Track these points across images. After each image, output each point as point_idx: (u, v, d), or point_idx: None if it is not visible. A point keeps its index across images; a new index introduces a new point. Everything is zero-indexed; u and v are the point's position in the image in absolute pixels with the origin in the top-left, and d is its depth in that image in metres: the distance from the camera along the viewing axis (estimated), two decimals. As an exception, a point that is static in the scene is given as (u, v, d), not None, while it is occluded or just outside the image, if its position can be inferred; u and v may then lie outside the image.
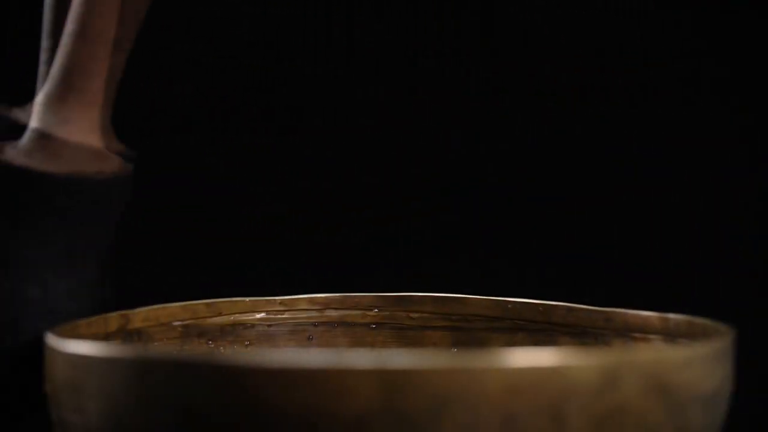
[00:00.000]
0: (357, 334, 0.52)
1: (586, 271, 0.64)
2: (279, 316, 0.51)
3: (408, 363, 0.31)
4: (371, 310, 0.52)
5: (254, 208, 0.66)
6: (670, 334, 0.43)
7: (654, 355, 0.33)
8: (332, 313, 0.52)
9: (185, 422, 0.33)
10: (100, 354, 0.34)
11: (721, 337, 0.36)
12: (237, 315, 0.50)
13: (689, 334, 0.42)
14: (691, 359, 0.34)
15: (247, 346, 0.50)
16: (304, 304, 0.51)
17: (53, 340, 0.37)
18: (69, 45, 0.48)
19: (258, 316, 0.51)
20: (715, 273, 0.64)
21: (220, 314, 0.50)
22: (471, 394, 0.31)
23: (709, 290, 0.63)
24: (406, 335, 0.52)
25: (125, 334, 0.46)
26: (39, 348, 0.39)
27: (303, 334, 0.51)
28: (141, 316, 0.47)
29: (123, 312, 0.46)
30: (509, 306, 0.50)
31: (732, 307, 0.57)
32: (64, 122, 0.48)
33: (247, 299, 0.51)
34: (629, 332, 0.45)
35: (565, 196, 0.65)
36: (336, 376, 0.31)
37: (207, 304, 0.50)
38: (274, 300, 0.51)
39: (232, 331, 0.50)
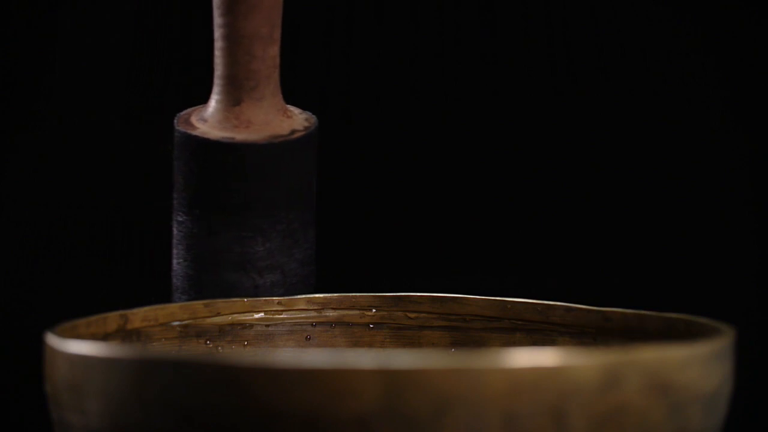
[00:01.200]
0: (355, 334, 0.52)
1: (586, 271, 0.64)
2: (277, 316, 0.51)
3: (410, 363, 0.31)
4: (369, 310, 0.52)
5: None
6: (670, 334, 0.43)
7: (655, 355, 0.33)
8: (330, 313, 0.52)
9: (185, 422, 0.33)
10: (100, 354, 0.34)
11: (721, 337, 0.36)
12: (235, 315, 0.50)
13: (689, 334, 0.42)
14: (691, 359, 0.34)
15: (245, 346, 0.50)
16: (302, 304, 0.51)
17: (53, 340, 0.37)
18: (223, 51, 0.50)
19: (256, 316, 0.51)
20: (715, 273, 0.64)
21: (218, 314, 0.50)
22: (473, 394, 0.31)
23: (709, 290, 0.63)
24: (404, 335, 0.52)
25: (124, 334, 0.46)
26: (39, 348, 0.39)
27: (301, 334, 0.51)
28: (140, 316, 0.47)
29: (122, 312, 0.46)
30: (508, 306, 0.50)
31: (732, 307, 0.57)
32: (246, 124, 0.50)
33: (246, 299, 0.51)
34: (628, 332, 0.45)
35: (565, 196, 0.65)
36: (337, 377, 0.31)
37: (205, 304, 0.50)
38: (272, 300, 0.51)
39: (231, 331, 0.50)
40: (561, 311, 0.48)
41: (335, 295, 0.52)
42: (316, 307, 0.52)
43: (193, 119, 0.51)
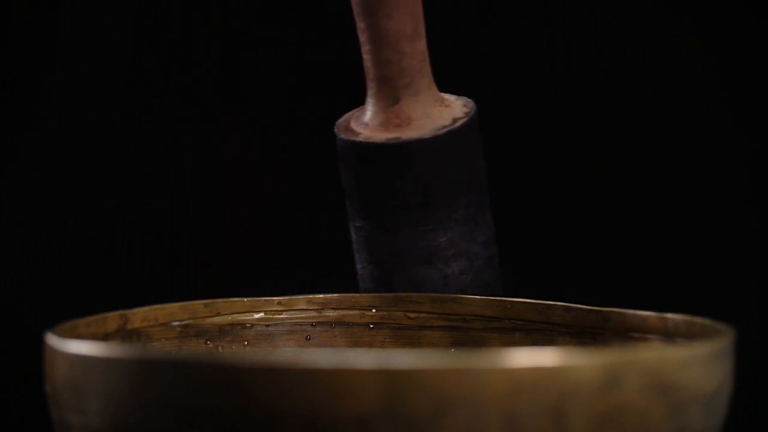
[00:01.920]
0: (355, 334, 0.52)
1: (586, 271, 0.64)
2: (277, 316, 0.51)
3: (410, 363, 0.31)
4: (369, 310, 0.52)
5: (254, 207, 0.66)
6: (669, 334, 0.43)
7: (655, 355, 0.33)
8: (330, 313, 0.52)
9: (185, 422, 0.33)
10: (100, 354, 0.34)
11: (721, 337, 0.36)
12: (235, 315, 0.50)
13: (689, 334, 0.42)
14: (691, 359, 0.34)
15: (245, 346, 0.50)
16: (303, 304, 0.51)
17: (53, 340, 0.37)
18: (372, 53, 0.50)
19: (256, 316, 0.51)
20: (715, 273, 0.64)
21: (218, 314, 0.50)
22: (473, 394, 0.31)
23: (709, 290, 0.63)
24: (404, 335, 0.52)
25: (124, 334, 0.46)
26: (39, 348, 0.39)
27: (301, 334, 0.51)
28: (140, 315, 0.47)
29: (122, 312, 0.46)
30: (508, 306, 0.50)
31: (732, 307, 0.57)
32: (408, 122, 0.51)
33: (246, 299, 0.51)
34: (628, 332, 0.45)
35: (565, 196, 0.65)
36: (337, 377, 0.31)
37: (205, 304, 0.50)
38: (272, 300, 0.51)
39: (231, 331, 0.50)
40: (561, 311, 0.48)
41: (335, 295, 0.52)
42: (316, 307, 0.52)
43: (354, 125, 0.51)
